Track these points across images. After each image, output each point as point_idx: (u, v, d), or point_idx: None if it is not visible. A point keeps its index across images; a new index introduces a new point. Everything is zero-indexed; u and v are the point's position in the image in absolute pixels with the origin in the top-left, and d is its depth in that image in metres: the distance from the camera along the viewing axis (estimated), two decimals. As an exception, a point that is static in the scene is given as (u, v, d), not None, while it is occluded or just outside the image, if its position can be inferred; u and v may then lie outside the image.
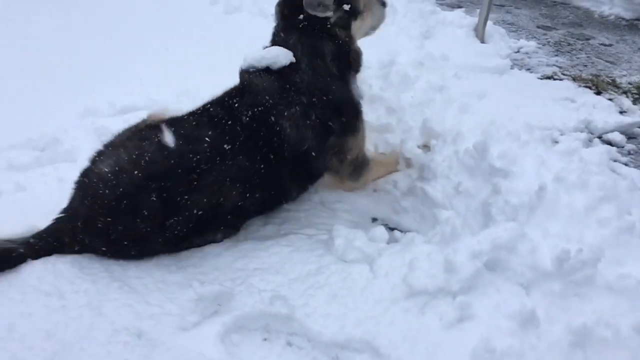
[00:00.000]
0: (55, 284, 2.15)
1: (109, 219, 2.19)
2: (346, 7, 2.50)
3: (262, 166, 2.39)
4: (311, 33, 2.50)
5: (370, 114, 3.51)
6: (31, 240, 2.29)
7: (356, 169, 2.77)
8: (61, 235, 2.29)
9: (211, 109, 2.46)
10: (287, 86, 2.45)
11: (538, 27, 6.25)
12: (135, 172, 2.18)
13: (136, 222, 2.19)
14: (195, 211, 2.26)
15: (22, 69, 4.24)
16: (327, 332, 2.02)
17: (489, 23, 5.29)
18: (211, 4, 6.36)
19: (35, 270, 2.19)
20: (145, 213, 2.18)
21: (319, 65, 2.50)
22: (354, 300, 2.13)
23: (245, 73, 2.54)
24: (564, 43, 5.67)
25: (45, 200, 2.60)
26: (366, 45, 3.97)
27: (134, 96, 3.74)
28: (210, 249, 2.42)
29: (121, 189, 2.17)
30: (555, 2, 7.41)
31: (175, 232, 2.27)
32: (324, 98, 2.48)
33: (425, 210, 2.77)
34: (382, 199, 2.96)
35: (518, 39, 5.55)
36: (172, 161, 2.22)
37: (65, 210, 2.34)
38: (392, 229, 2.71)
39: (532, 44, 5.40)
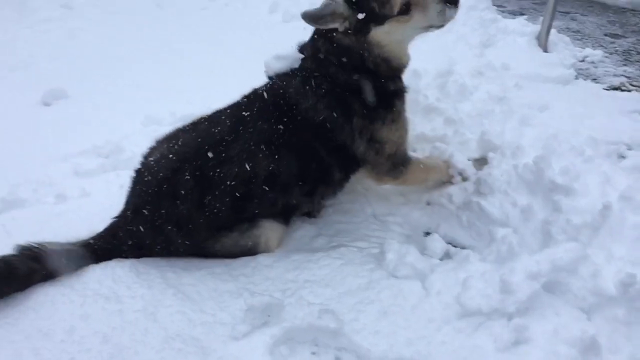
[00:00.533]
0: (114, 288, 2.23)
1: (153, 205, 2.31)
2: (360, 15, 2.32)
3: (298, 149, 2.43)
4: (319, 38, 2.49)
5: (425, 124, 3.47)
6: (90, 241, 2.39)
7: (395, 165, 2.67)
8: (117, 232, 2.40)
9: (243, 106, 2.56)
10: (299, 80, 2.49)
11: (605, 35, 5.99)
12: (171, 155, 2.33)
13: (176, 203, 2.29)
14: (230, 187, 2.31)
15: (90, 81, 4.46)
16: (376, 350, 1.98)
17: (553, 31, 5.12)
18: (270, 13, 6.48)
19: (96, 275, 2.28)
20: (183, 192, 2.28)
21: (320, 60, 2.46)
22: (405, 318, 2.09)
23: (269, 78, 2.69)
24: (633, 52, 5.41)
25: (107, 206, 2.69)
26: (422, 53, 3.93)
27: (194, 105, 3.83)
28: (262, 259, 2.44)
29: (161, 174, 2.31)
30: (624, 8, 7.09)
31: (215, 211, 2.32)
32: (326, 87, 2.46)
33: (481, 227, 2.69)
34: (436, 213, 2.91)
35: (583, 48, 5.34)
36: (200, 141, 2.36)
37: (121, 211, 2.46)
38: (446, 244, 2.64)
39: (598, 53, 5.18)
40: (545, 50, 4.95)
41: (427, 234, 2.77)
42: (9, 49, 5.30)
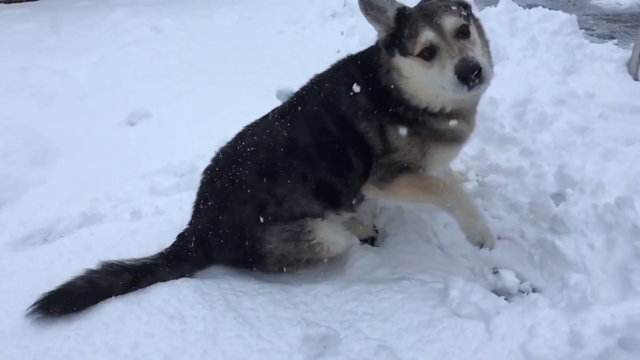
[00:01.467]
0: (178, 307, 2.30)
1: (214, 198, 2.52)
2: (393, 26, 2.30)
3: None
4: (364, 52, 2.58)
5: (500, 155, 3.35)
6: (164, 251, 2.56)
7: (388, 174, 2.48)
8: (187, 237, 2.57)
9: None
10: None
11: None
12: (230, 151, 2.63)
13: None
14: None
15: (171, 102, 4.69)
16: (433, 393, 1.92)
17: (646, 57, 4.79)
18: (346, 37, 6.53)
19: (162, 293, 2.37)
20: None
21: (358, 66, 2.52)
22: (466, 361, 2.01)
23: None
24: None
25: (178, 225, 2.80)
26: (500, 80, 3.79)
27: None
28: (322, 288, 2.44)
29: (217, 168, 2.58)
30: None
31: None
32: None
33: (554, 267, 2.54)
34: (506, 248, 2.78)
35: (680, 76, 4.95)
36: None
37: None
38: (515, 285, 2.51)
39: (696, 82, 4.78)
40: (636, 78, 4.63)
41: (496, 271, 2.65)
42: (98, 69, 5.68)
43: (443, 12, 2.17)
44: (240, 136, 2.72)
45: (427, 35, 2.14)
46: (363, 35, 6.28)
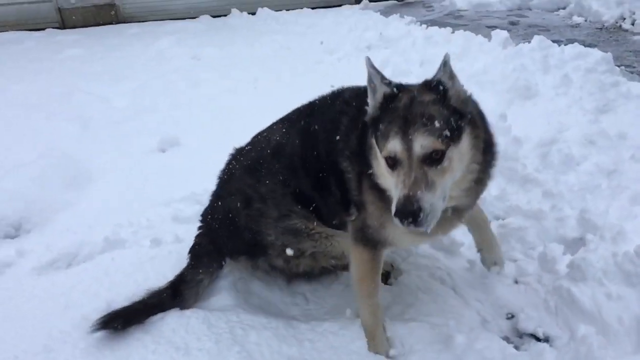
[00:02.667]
0: (186, 338, 2.35)
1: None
2: (377, 111, 2.09)
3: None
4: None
5: (521, 196, 3.31)
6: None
7: (356, 234, 2.37)
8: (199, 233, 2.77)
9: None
10: None
11: None
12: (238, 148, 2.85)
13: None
14: None
15: (202, 130, 4.82)
16: None
17: (686, 97, 4.64)
18: (381, 68, 6.57)
19: (172, 323, 2.42)
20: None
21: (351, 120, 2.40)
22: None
23: None
24: None
25: (194, 255, 2.86)
26: (527, 117, 3.72)
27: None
28: (329, 325, 2.44)
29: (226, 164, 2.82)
30: None
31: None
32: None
33: (570, 315, 2.46)
34: (522, 293, 2.72)
35: None
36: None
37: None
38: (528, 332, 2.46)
39: None
40: (675, 119, 4.50)
41: (510, 316, 2.59)
42: (137, 95, 5.91)
43: (421, 126, 1.90)
44: (253, 137, 2.89)
45: (394, 146, 1.92)
46: (396, 67, 6.35)
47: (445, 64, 1.99)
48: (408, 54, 6.81)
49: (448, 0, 12.18)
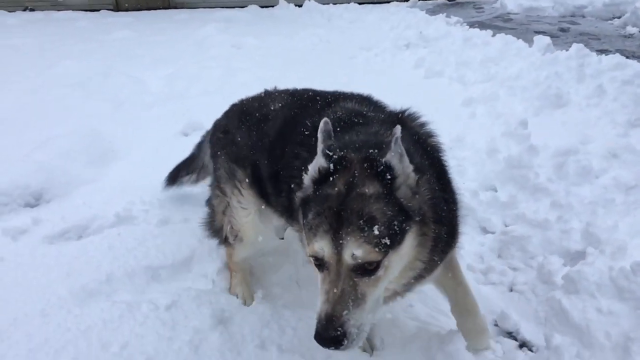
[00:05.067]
0: (174, 314, 2.45)
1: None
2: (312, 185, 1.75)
3: None
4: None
5: (530, 205, 3.26)
6: None
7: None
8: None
9: None
10: None
11: None
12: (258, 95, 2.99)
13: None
14: None
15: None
16: None
17: None
18: (415, 68, 6.55)
19: (163, 300, 2.52)
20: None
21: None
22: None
23: None
24: None
25: (199, 234, 2.94)
26: (552, 126, 3.60)
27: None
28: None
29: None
30: None
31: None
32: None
33: (558, 326, 2.42)
34: (515, 301, 2.69)
35: None
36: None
37: None
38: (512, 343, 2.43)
39: None
40: None
41: (496, 324, 2.56)
42: (172, 80, 6.07)
43: (357, 231, 1.55)
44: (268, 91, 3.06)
45: (321, 248, 1.60)
46: (430, 68, 6.30)
47: (396, 140, 1.61)
48: (445, 55, 6.74)
49: (499, 3, 11.93)
